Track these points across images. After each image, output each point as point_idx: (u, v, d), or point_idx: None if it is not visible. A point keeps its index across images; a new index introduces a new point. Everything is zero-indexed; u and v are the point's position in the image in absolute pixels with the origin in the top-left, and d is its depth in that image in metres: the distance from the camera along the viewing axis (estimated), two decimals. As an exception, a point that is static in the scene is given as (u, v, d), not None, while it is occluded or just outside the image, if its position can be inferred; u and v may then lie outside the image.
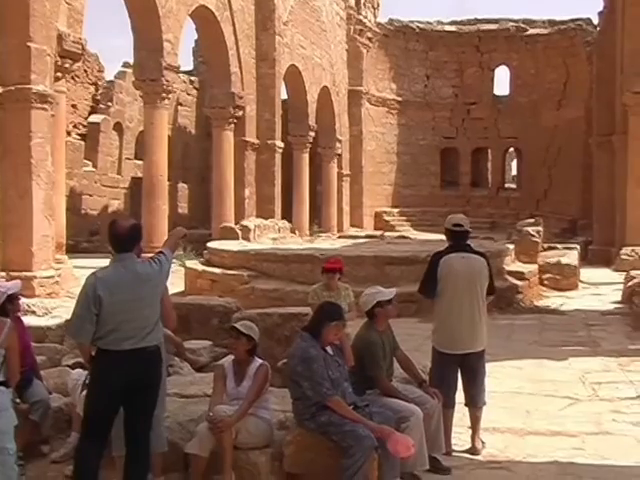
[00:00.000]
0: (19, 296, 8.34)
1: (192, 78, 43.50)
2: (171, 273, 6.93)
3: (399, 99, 48.30)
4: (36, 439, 7.78)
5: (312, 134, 39.28)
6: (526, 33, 47.70)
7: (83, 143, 35.47)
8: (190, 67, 45.15)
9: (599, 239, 33.53)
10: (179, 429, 7.14)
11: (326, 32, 41.15)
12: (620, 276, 23.83)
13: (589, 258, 31.32)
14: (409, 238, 32.82)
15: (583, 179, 40.24)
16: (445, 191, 48.71)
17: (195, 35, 35.54)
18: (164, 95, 26.07)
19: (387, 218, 46.97)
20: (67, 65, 20.79)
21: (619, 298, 20.90)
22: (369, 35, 46.09)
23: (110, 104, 37.26)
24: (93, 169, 35.79)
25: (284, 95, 37.71)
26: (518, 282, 20.72)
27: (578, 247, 28.35)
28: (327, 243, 27.75)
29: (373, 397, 7.37)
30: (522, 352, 13.84)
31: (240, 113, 31.82)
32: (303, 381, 6.71)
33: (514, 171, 62.08)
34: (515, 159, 57.50)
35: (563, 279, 23.60)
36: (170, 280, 7.21)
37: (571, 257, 25.10)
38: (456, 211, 12.39)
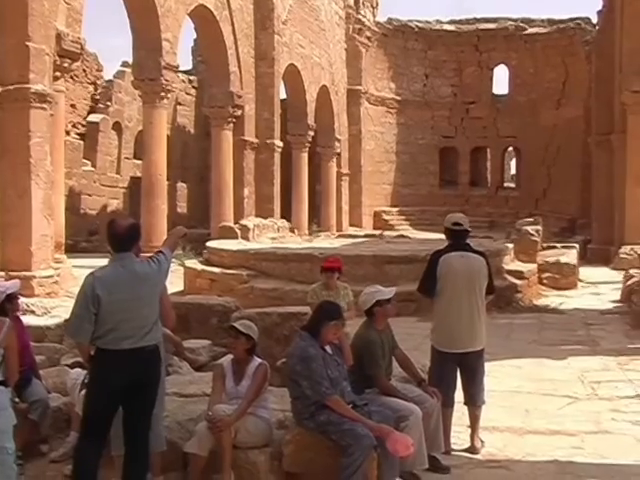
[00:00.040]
0: (18, 295, 8.34)
1: (191, 77, 43.52)
2: (170, 272, 6.92)
3: (398, 98, 48.31)
4: (35, 438, 7.77)
5: (311, 133, 39.27)
6: (525, 32, 47.71)
7: (82, 143, 35.46)
8: (189, 66, 45.16)
9: (598, 238, 33.54)
10: (178, 428, 7.14)
11: (325, 31, 41.14)
12: (619, 275, 23.83)
13: (588, 257, 31.32)
14: (408, 237, 32.83)
15: (582, 178, 40.26)
16: (444, 190, 48.71)
17: (194, 34, 35.58)
18: (163, 94, 26.06)
19: (386, 217, 46.99)
20: (66, 64, 20.78)
21: (618, 297, 20.90)
22: (368, 34, 46.09)
23: (109, 103, 37.26)
24: (92, 169, 35.79)
25: (283, 94, 37.70)
26: (517, 281, 20.72)
27: (577, 246, 28.37)
28: (326, 242, 27.74)
29: (372, 396, 7.36)
30: (521, 351, 13.84)
31: (239, 112, 31.82)
32: (302, 380, 6.71)
33: (513, 170, 62.10)
34: (514, 158, 57.51)
35: (562, 278, 23.60)
36: (169, 279, 7.20)
37: (570, 256, 25.11)
38: (455, 210, 12.39)
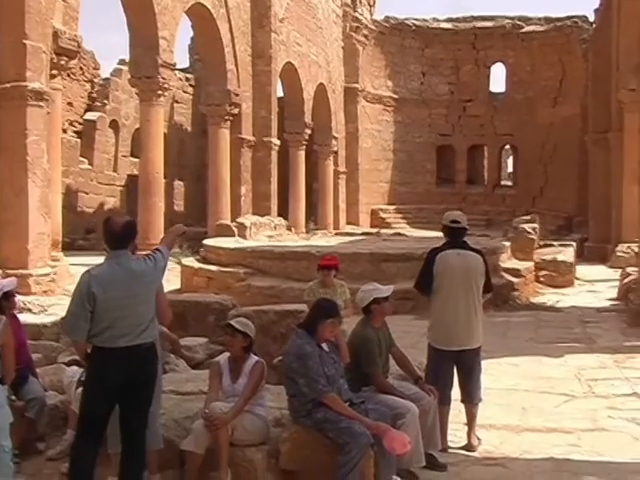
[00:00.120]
0: (15, 293, 8.34)
1: (188, 75, 43.47)
2: (167, 270, 6.92)
3: (395, 96, 48.28)
4: (32, 436, 7.77)
5: (308, 131, 39.23)
6: (522, 30, 47.68)
7: (79, 141, 35.40)
8: (186, 64, 45.11)
9: (595, 236, 33.59)
10: (175, 426, 7.14)
11: (322, 29, 41.11)
12: (616, 273, 23.88)
13: (585, 255, 31.38)
14: (405, 235, 32.84)
15: (579, 176, 40.29)
16: (441, 188, 48.69)
17: (191, 32, 35.55)
18: (160, 92, 26.01)
19: (383, 215, 46.97)
20: (63, 62, 20.75)
21: (615, 295, 20.96)
22: (365, 32, 46.06)
23: (106, 101, 37.20)
24: (89, 167, 35.74)
25: (280, 92, 37.66)
26: (514, 279, 20.75)
27: (574, 244, 28.41)
28: (323, 240, 27.74)
29: (369, 394, 7.37)
30: (518, 349, 13.86)
31: (236, 110, 31.79)
32: (299, 378, 6.72)
33: (510, 168, 62.05)
34: (511, 156, 57.49)
35: (559, 276, 23.64)
36: (166, 277, 7.20)
37: (567, 254, 25.14)
38: (452, 208, 12.42)
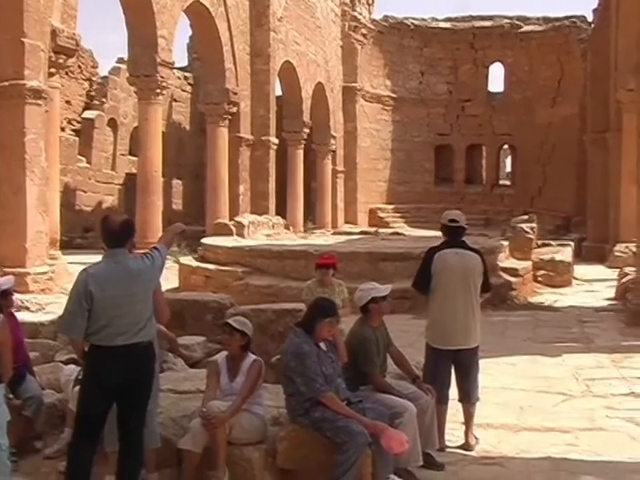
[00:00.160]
0: (12, 292, 8.34)
1: (186, 74, 43.45)
2: (165, 269, 6.92)
3: (394, 96, 48.25)
4: (29, 435, 7.77)
5: (306, 130, 39.24)
6: (520, 30, 47.68)
7: (77, 139, 35.37)
8: (184, 63, 45.09)
9: (593, 236, 33.59)
10: (172, 425, 7.14)
11: (321, 28, 41.11)
12: (614, 273, 23.89)
13: (583, 255, 31.37)
14: (403, 235, 32.80)
15: (577, 176, 40.29)
16: (439, 188, 48.66)
17: (189, 31, 35.56)
18: (158, 91, 26.02)
19: (381, 215, 46.94)
20: (61, 61, 20.72)
21: (613, 295, 20.96)
22: (364, 32, 46.05)
23: (104, 100, 37.17)
24: (87, 165, 35.72)
25: (278, 91, 37.66)
26: (512, 279, 20.75)
27: (572, 244, 28.41)
28: (321, 239, 27.74)
29: (367, 393, 7.37)
30: (516, 348, 13.87)
31: (234, 109, 31.79)
32: (296, 377, 6.72)
33: (508, 168, 62.09)
34: (509, 156, 57.49)
35: (557, 276, 23.65)
36: (164, 276, 7.20)
37: (565, 254, 25.15)
38: (450, 208, 12.41)
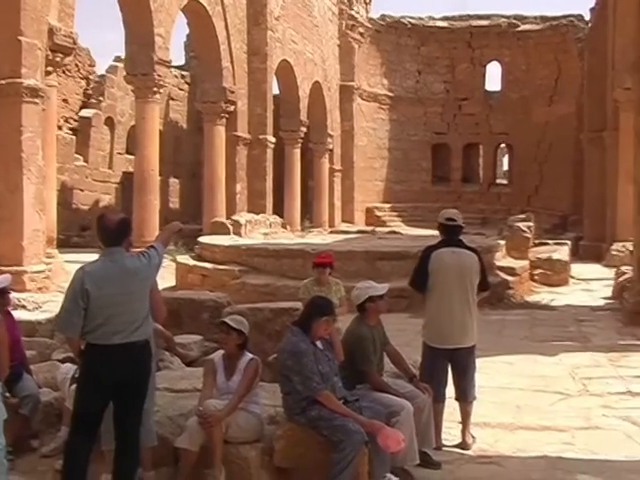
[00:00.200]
0: (9, 290, 8.34)
1: (184, 73, 43.42)
2: (162, 268, 6.91)
3: (391, 94, 48.23)
4: (26, 433, 7.77)
5: (304, 129, 39.21)
6: (518, 29, 47.69)
7: (74, 138, 35.35)
8: (182, 62, 45.04)
9: (590, 235, 33.60)
10: (169, 423, 7.14)
11: (318, 27, 41.10)
12: (611, 272, 23.88)
13: (580, 254, 31.37)
14: (400, 233, 32.83)
15: (574, 175, 40.28)
16: (436, 187, 48.65)
17: (187, 30, 35.48)
18: (155, 90, 26.00)
19: (378, 213, 46.93)
20: (58, 59, 20.72)
21: (610, 294, 20.98)
22: (361, 30, 46.04)
23: (101, 98, 37.16)
24: (84, 164, 35.69)
25: (276, 90, 37.65)
26: (509, 277, 20.76)
27: (569, 243, 28.40)
28: (318, 238, 27.74)
29: (363, 392, 7.37)
30: (513, 347, 13.87)
31: (231, 108, 31.76)
32: (293, 375, 6.71)
33: (505, 167, 62.14)
34: (506, 155, 57.54)
35: (554, 275, 23.67)
36: (161, 275, 7.19)
37: (562, 253, 25.16)
38: (447, 207, 12.44)
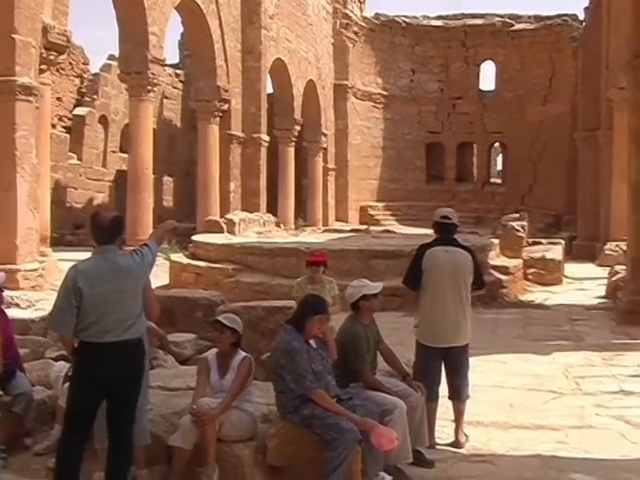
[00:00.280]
0: (3, 288, 8.33)
1: (178, 71, 43.37)
2: (156, 266, 6.90)
3: (385, 93, 48.27)
4: (19, 431, 7.76)
5: (298, 128, 39.24)
6: (512, 28, 47.75)
7: (68, 136, 35.29)
8: (176, 60, 45.00)
9: (583, 234, 33.64)
10: (162, 422, 7.13)
11: (312, 26, 41.11)
12: (604, 271, 23.91)
13: (573, 253, 31.42)
14: (394, 232, 32.81)
15: (568, 174, 40.30)
16: (430, 186, 48.71)
17: (181, 28, 35.49)
18: (149, 88, 26.00)
19: (372, 212, 46.96)
20: (52, 57, 20.67)
21: (603, 293, 21.01)
22: (355, 29, 46.06)
23: (95, 97, 37.09)
24: (78, 162, 35.64)
25: (270, 89, 37.66)
26: (503, 277, 20.78)
27: (562, 242, 28.46)
28: (312, 237, 27.75)
29: (356, 390, 7.37)
30: (506, 346, 13.88)
31: (226, 106, 31.78)
32: (286, 374, 6.71)
33: (499, 166, 62.18)
34: (500, 154, 57.58)
35: (547, 274, 23.69)
36: (155, 273, 7.18)
37: (555, 252, 25.20)
38: (441, 206, 12.47)
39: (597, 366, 12.40)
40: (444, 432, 8.47)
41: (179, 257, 22.27)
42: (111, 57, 37.13)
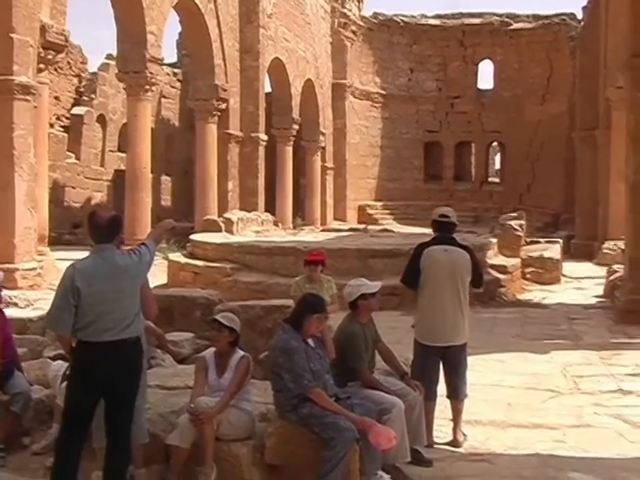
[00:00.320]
0: (1, 288, 8.33)
1: (176, 70, 43.37)
2: (154, 265, 6.89)
3: (383, 92, 48.29)
4: (17, 431, 7.76)
5: (296, 127, 39.26)
6: (510, 27, 47.78)
7: (66, 135, 35.31)
8: (174, 59, 45.01)
9: (581, 233, 33.64)
10: (160, 421, 7.12)
11: (310, 25, 41.11)
12: (602, 270, 23.90)
13: (571, 252, 31.40)
14: (392, 231, 32.84)
15: (566, 173, 40.29)
16: (428, 185, 48.73)
17: (179, 27, 35.49)
18: (147, 87, 25.99)
19: (370, 211, 46.98)
20: (50, 56, 20.68)
21: (601, 292, 20.99)
22: (353, 28, 46.07)
23: (93, 96, 37.11)
24: (76, 161, 35.65)
25: (268, 88, 37.66)
26: (501, 276, 20.75)
27: (561, 241, 28.44)
28: (310, 236, 27.72)
29: (355, 389, 7.36)
30: (504, 345, 13.87)
31: (224, 106, 31.77)
32: (284, 373, 6.71)
33: (497, 165, 62.20)
34: (498, 153, 57.60)
35: (546, 273, 23.68)
36: (153, 272, 7.17)
37: (554, 251, 25.18)
38: (439, 205, 12.45)
39: (595, 365, 12.39)
40: (442, 431, 8.47)
41: (177, 256, 22.24)
42: (109, 56, 37.17)
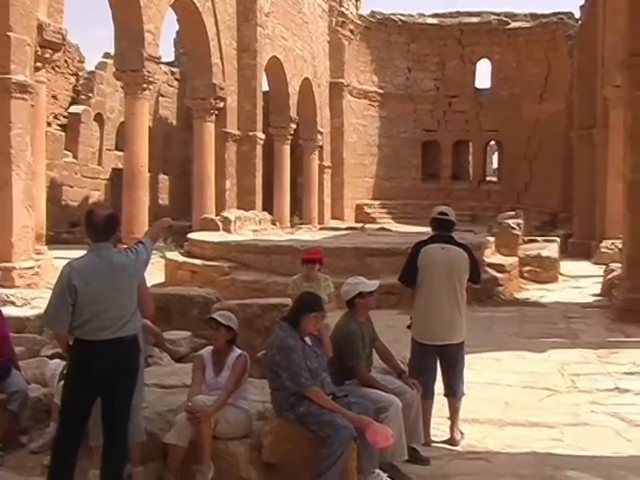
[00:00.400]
0: (-2, 286, 8.33)
1: (173, 69, 43.37)
2: (151, 264, 6.89)
3: (381, 91, 48.32)
4: (15, 429, 7.76)
5: (293, 126, 39.27)
6: (508, 26, 47.81)
7: (63, 134, 35.28)
8: (171, 58, 45.04)
9: (579, 232, 33.66)
10: (158, 419, 7.12)
11: (308, 24, 41.11)
12: (600, 269, 23.94)
13: (569, 251, 31.46)
14: (390, 230, 32.82)
15: (564, 172, 40.31)
16: (426, 184, 48.76)
17: (176, 26, 35.49)
18: (145, 86, 25.98)
19: (368, 210, 47.02)
20: (47, 55, 20.64)
21: (599, 291, 21.01)
22: (351, 27, 46.09)
23: (91, 95, 37.08)
24: (74, 160, 35.64)
25: (265, 87, 37.65)
26: (498, 274, 20.78)
27: (558, 240, 28.45)
28: (308, 235, 27.71)
29: (352, 387, 7.36)
30: (502, 344, 13.88)
31: (221, 104, 31.78)
32: (282, 371, 6.71)
33: (495, 164, 62.19)
34: (496, 152, 57.61)
35: (543, 272, 23.69)
36: (150, 271, 7.17)
37: (551, 250, 25.20)
38: (437, 204, 12.41)
39: (592, 364, 12.40)
40: (439, 429, 8.48)
41: (175, 255, 22.24)
42: (106, 55, 37.13)
